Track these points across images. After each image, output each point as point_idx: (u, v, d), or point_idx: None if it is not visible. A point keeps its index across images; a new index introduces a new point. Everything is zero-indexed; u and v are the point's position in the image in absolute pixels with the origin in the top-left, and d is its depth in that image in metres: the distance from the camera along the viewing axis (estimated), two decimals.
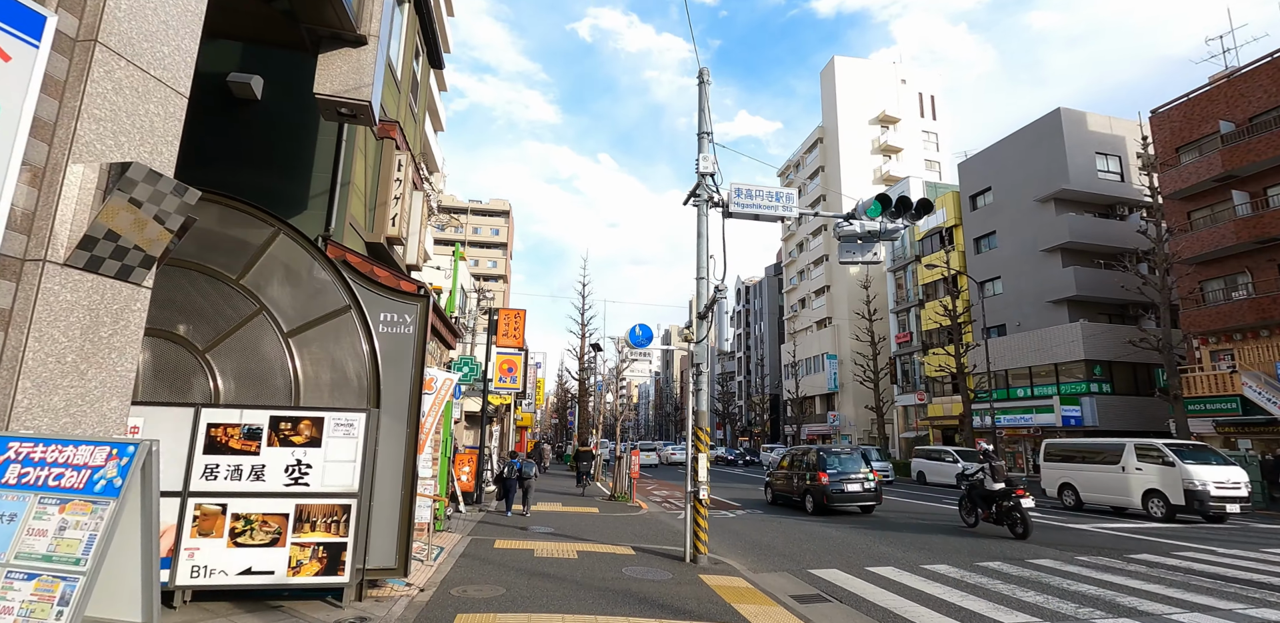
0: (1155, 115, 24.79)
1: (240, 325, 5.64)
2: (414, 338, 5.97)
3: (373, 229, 7.36)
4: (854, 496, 14.07)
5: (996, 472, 11.55)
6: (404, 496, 5.70)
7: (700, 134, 9.58)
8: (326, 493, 5.25)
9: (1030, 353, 28.95)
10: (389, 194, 7.46)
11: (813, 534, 11.30)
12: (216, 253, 5.70)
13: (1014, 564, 8.62)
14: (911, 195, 10.05)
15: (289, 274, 5.78)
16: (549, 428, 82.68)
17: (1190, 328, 22.73)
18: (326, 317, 5.80)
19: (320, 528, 5.18)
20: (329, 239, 6.36)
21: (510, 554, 8.28)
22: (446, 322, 8.53)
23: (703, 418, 8.73)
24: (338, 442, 5.34)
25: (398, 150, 7.70)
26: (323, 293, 5.84)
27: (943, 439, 35.46)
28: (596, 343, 26.32)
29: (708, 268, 9.19)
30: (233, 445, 5.19)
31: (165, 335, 5.51)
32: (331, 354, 5.76)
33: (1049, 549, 9.85)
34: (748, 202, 9.37)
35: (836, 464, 14.48)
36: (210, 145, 6.57)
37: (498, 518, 12.26)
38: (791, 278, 56.47)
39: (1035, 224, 29.80)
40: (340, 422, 5.37)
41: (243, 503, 5.11)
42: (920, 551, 9.69)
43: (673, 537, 10.54)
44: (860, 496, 14.09)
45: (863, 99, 50.06)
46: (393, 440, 5.75)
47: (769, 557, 9.21)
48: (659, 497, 18.63)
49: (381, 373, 5.81)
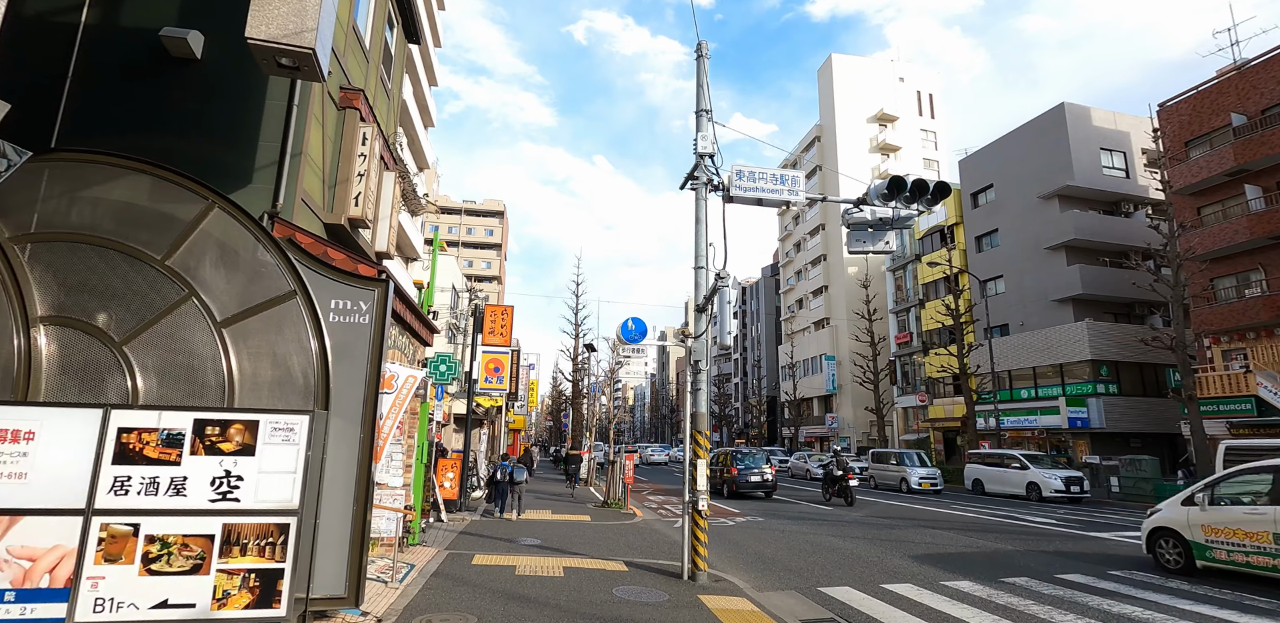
0: (1163, 109, 24.17)
1: (165, 313, 4.83)
2: (370, 328, 5.17)
3: (333, 209, 6.56)
4: (756, 484, 19.09)
5: (841, 465, 17.42)
6: (357, 511, 4.89)
7: (699, 112, 8.83)
8: (260, 510, 4.44)
9: (1034, 353, 28.28)
10: (352, 170, 6.67)
11: (819, 545, 10.53)
12: (139, 229, 4.90)
13: (1042, 580, 7.86)
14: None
15: (224, 254, 4.99)
16: (544, 431, 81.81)
17: (1201, 327, 22.06)
18: (268, 304, 5.00)
19: (252, 552, 4.38)
20: (276, 217, 5.57)
21: (489, 572, 7.47)
22: (419, 313, 7.73)
23: (702, 420, 7.94)
24: (275, 449, 4.54)
25: (363, 122, 6.91)
26: (264, 277, 5.04)
27: (944, 441, 34.77)
28: (590, 343, 25.49)
29: (707, 256, 8.42)
30: (149, 454, 4.38)
31: (75, 324, 4.71)
32: (273, 347, 4.96)
33: (1075, 562, 9.10)
34: (750, 185, 8.61)
35: (744, 462, 19.48)
36: (141, 111, 5.78)
37: (481, 528, 11.45)
38: (789, 278, 55.80)
39: (1038, 222, 29.16)
40: (278, 426, 4.57)
41: (159, 523, 4.30)
42: (937, 565, 8.92)
43: (669, 549, 9.75)
44: (760, 484, 19.14)
45: (860, 97, 49.47)
46: (344, 447, 4.95)
47: (774, 572, 8.43)
48: (654, 502, 17.84)
49: (332, 369, 5.01)
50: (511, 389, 33.00)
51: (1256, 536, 7.64)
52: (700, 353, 8.00)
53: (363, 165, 6.82)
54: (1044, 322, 28.78)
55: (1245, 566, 7.75)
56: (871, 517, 14.67)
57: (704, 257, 8.38)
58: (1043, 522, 13.95)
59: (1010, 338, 29.62)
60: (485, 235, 78.20)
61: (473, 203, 77.92)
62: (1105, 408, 25.44)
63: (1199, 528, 8.30)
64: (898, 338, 39.74)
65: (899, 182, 8.48)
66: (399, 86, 9.59)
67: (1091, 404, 25.73)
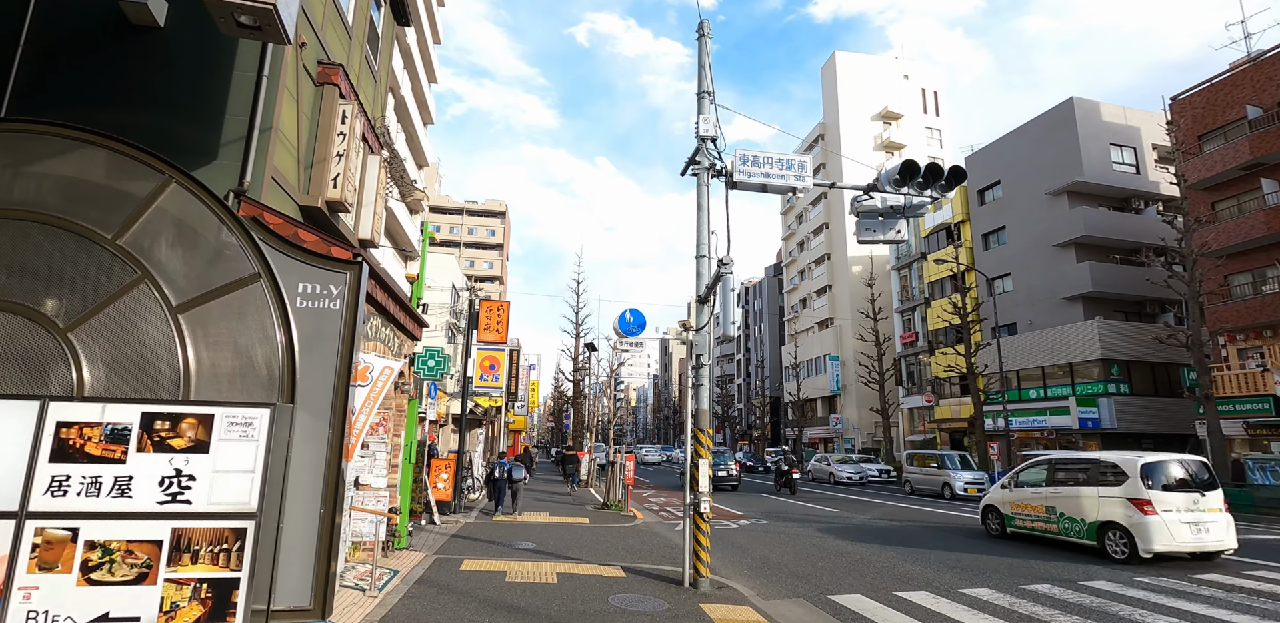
0: (1175, 102, 23.67)
1: (115, 298, 4.42)
2: (342, 314, 4.74)
3: (309, 191, 6.14)
4: (723, 479, 22.27)
5: (789, 461, 21.70)
6: (325, 514, 4.46)
7: (700, 93, 8.40)
8: (214, 513, 4.02)
9: (1043, 352, 27.76)
10: (330, 150, 6.26)
11: (826, 549, 10.07)
12: (89, 207, 4.49)
13: (1066, 588, 7.40)
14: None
15: (182, 234, 4.57)
16: (546, 431, 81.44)
17: (1215, 325, 21.54)
18: (229, 287, 4.58)
19: (204, 559, 3.95)
20: (243, 195, 5.16)
21: (477, 579, 7.04)
22: (405, 305, 7.30)
23: (704, 417, 7.51)
24: (232, 446, 4.12)
25: (342, 100, 6.50)
26: (225, 258, 4.62)
27: (950, 442, 34.24)
28: (591, 342, 25.09)
29: (709, 245, 7.99)
30: (90, 451, 3.96)
31: (16, 310, 4.29)
32: (234, 335, 4.54)
33: (1097, 568, 8.62)
34: (754, 170, 8.16)
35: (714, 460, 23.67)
36: (98, 82, 5.37)
37: (475, 531, 11.02)
38: (792, 278, 55.32)
39: (1047, 218, 28.64)
40: (236, 420, 4.14)
41: (100, 527, 3.88)
42: (952, 570, 8.46)
43: (669, 553, 9.31)
44: (726, 479, 22.46)
45: (864, 95, 49.00)
46: (312, 444, 4.53)
47: (780, 578, 7.98)
48: (655, 504, 17.39)
49: (299, 359, 4.59)
50: (511, 389, 32.65)
51: (1036, 508, 10.73)
52: (702, 346, 7.56)
53: (342, 145, 6.40)
54: (1053, 320, 28.26)
55: (1031, 530, 10.81)
56: (880, 519, 14.20)
57: (706, 245, 7.95)
58: None
59: (1018, 337, 29.10)
60: (487, 236, 77.89)
61: (474, 203, 77.62)
62: (1117, 408, 24.91)
63: (1008, 505, 11.38)
64: (903, 337, 39.22)
65: (912, 166, 8.04)
66: (387, 69, 9.19)
67: (1103, 404, 25.20)
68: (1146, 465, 9.32)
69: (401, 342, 7.84)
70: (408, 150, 27.09)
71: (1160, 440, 25.84)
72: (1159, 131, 28.68)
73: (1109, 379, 25.39)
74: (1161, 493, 9.05)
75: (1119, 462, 9.65)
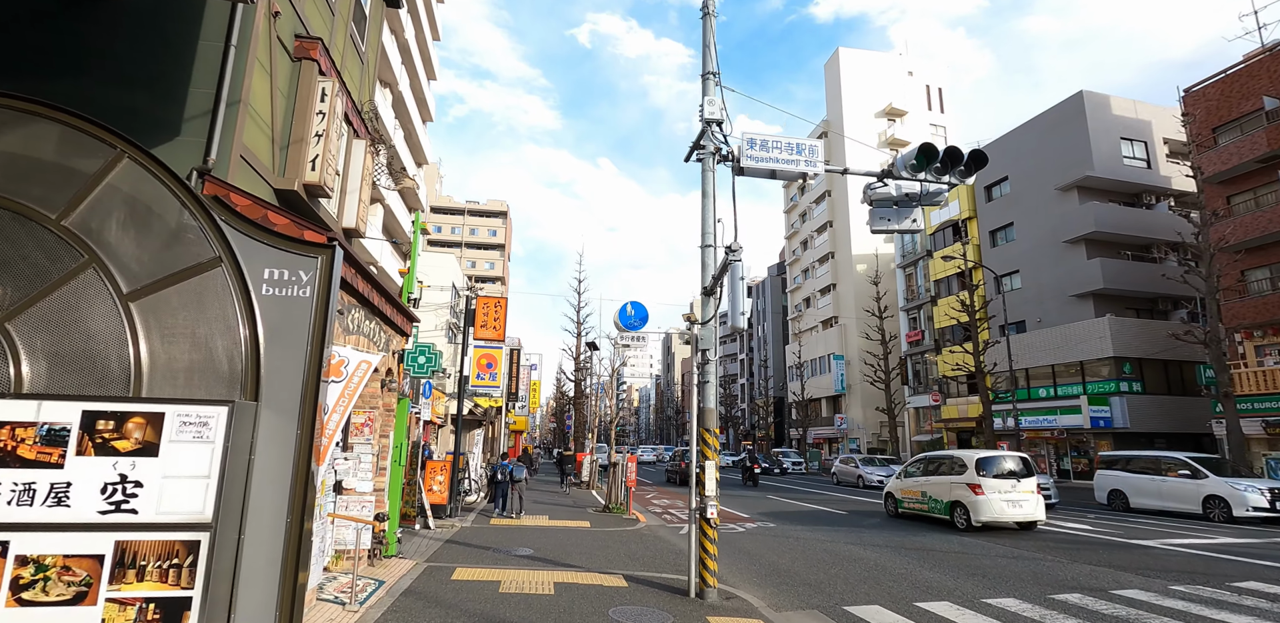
0: (1189, 94, 23.15)
1: (60, 284, 3.98)
2: (313, 302, 4.30)
3: (284, 173, 5.71)
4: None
5: (753, 459, 24.57)
6: (293, 523, 4.01)
7: (705, 74, 7.97)
8: (164, 524, 3.58)
9: (1053, 350, 27.25)
10: (308, 130, 5.82)
11: (839, 555, 9.61)
12: (31, 183, 4.05)
13: (1098, 597, 6.93)
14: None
15: (135, 214, 4.15)
16: (548, 433, 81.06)
17: (1232, 321, 21.01)
18: (186, 273, 4.14)
19: (152, 576, 3.52)
20: (207, 175, 4.71)
21: (469, 590, 6.59)
22: (392, 297, 6.85)
23: (710, 416, 7.05)
24: (184, 448, 3.68)
25: (322, 76, 6.06)
26: (183, 241, 4.18)
27: (958, 442, 33.73)
28: (593, 342, 24.62)
29: (715, 233, 7.53)
30: (23, 454, 3.52)
31: None
32: (192, 326, 4.11)
33: (1128, 575, 8.15)
34: (762, 154, 7.71)
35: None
36: (53, 52, 4.93)
37: (470, 536, 10.58)
38: (795, 277, 54.83)
39: (1056, 214, 28.14)
40: (189, 419, 3.71)
41: (34, 540, 3.45)
42: (974, 577, 8.00)
43: (674, 559, 8.86)
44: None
45: (868, 91, 48.51)
46: (278, 445, 4.08)
47: (791, 587, 7.51)
48: (659, 507, 16.93)
49: (265, 352, 4.15)
50: (511, 389, 32.22)
51: (915, 493, 13.69)
52: (709, 341, 7.11)
53: (321, 124, 5.96)
54: (1063, 318, 27.74)
55: (914, 510, 13.71)
56: (891, 522, 13.73)
57: (712, 233, 7.50)
58: (1076, 528, 12.99)
59: (1027, 335, 28.59)
60: (488, 236, 77.55)
61: (476, 203, 77.27)
62: (1129, 407, 24.39)
63: (900, 491, 14.31)
64: (909, 336, 38.72)
65: (930, 150, 7.56)
66: (376, 52, 8.75)
67: (1115, 403, 24.69)
68: (980, 459, 12.44)
69: (389, 337, 7.40)
70: (406, 147, 26.67)
71: (1174, 440, 25.31)
72: (1170, 125, 28.16)
73: (1121, 377, 24.88)
74: (990, 480, 12.00)
75: (963, 457, 12.83)
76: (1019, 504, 11.80)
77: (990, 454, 12.76)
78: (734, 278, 6.44)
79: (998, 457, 12.62)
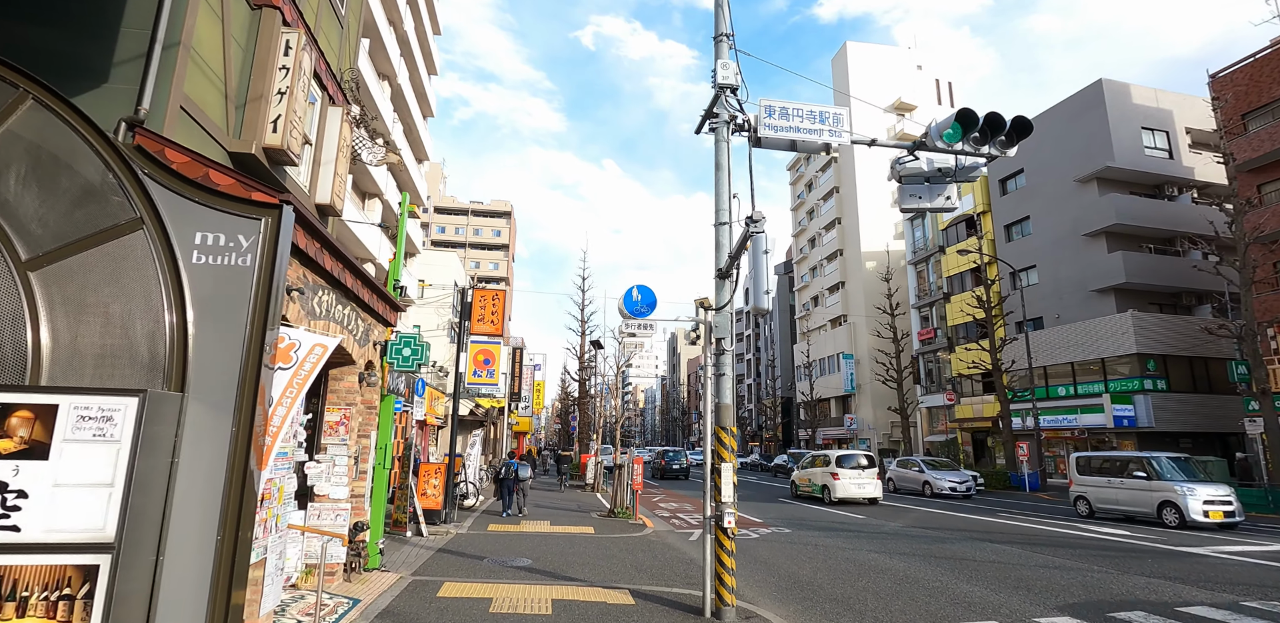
0: (1216, 79, 22.27)
1: None
2: (255, 273, 3.57)
3: (240, 135, 4.99)
4: (676, 471, 29.72)
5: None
6: (225, 539, 3.28)
7: (717, 37, 7.24)
8: (53, 544, 2.86)
9: (1072, 347, 26.33)
10: (269, 86, 5.10)
11: (864, 565, 8.83)
12: None
13: (1163, 615, 6.13)
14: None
15: (39, 167, 3.43)
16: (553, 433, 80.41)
17: (1265, 315, 20.10)
18: (98, 237, 3.43)
19: (36, 611, 2.79)
20: (139, 127, 3.99)
21: (455, 610, 5.85)
22: (369, 280, 6.12)
23: (726, 414, 6.30)
24: (82, 449, 2.96)
25: (287, 26, 5.34)
26: (98, 200, 3.47)
27: (973, 443, 32.84)
28: (597, 340, 23.87)
29: (730, 210, 6.78)
30: None
31: None
32: (105, 301, 3.39)
33: (1190, 589, 7.35)
34: (782, 123, 6.96)
35: (669, 456, 30.73)
36: None
37: (465, 544, 9.85)
38: (803, 275, 53.98)
39: (1075, 207, 27.23)
40: (89, 414, 2.98)
41: None
42: (1018, 591, 7.21)
43: (685, 570, 8.11)
44: (679, 470, 29.75)
45: (877, 86, 47.64)
46: (211, 445, 3.35)
47: (816, 603, 6.75)
48: (666, 510, 16.16)
49: (193, 333, 3.43)
50: (514, 389, 31.51)
51: (807, 480, 19.13)
52: (724, 329, 6.36)
53: (285, 81, 5.24)
54: (1082, 314, 26.83)
55: (807, 493, 18.99)
56: (912, 527, 12.93)
57: (727, 210, 6.75)
58: (1113, 534, 12.17)
59: (1045, 332, 27.69)
60: (493, 236, 77.07)
61: (480, 203, 76.77)
62: (1154, 406, 23.47)
63: (800, 479, 19.58)
64: (921, 334, 37.83)
65: (968, 116, 6.79)
66: (358, 17, 8.04)
67: (1139, 401, 23.77)
68: (839, 457, 17.96)
69: (369, 326, 6.67)
70: (406, 143, 26.03)
71: (1200, 440, 24.39)
72: (1192, 115, 27.25)
73: (1145, 375, 23.97)
74: (845, 470, 17.47)
75: (829, 455, 18.45)
76: (863, 486, 17.34)
77: (846, 453, 18.28)
78: (756, 252, 5.70)
79: (851, 454, 18.11)
